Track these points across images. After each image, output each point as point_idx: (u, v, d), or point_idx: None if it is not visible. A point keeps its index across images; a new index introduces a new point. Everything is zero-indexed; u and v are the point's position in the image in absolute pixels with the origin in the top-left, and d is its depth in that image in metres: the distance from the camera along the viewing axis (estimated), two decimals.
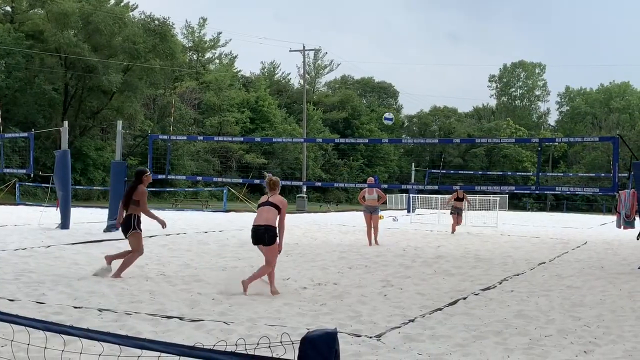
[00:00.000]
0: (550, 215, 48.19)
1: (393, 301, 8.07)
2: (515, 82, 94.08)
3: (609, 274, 11.26)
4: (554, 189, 21.96)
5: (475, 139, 45.25)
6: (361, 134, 70.44)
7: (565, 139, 22.59)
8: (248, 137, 52.94)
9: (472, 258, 13.43)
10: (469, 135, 76.11)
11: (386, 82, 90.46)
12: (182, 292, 8.20)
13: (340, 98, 74.71)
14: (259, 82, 66.35)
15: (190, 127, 51.31)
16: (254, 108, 60.70)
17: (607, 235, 22.46)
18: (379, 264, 11.94)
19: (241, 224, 22.28)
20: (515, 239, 19.57)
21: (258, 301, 7.75)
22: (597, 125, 78.75)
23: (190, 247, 13.76)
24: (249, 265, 11.06)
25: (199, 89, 56.94)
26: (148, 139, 19.50)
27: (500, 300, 8.34)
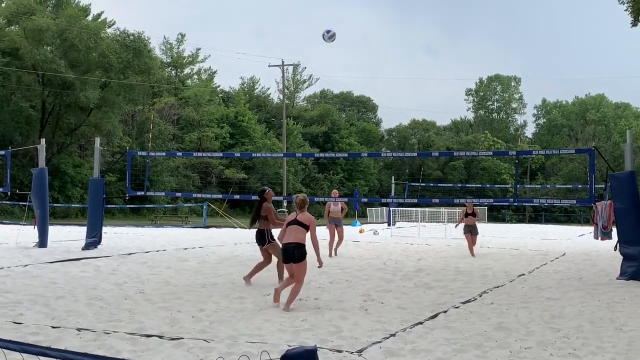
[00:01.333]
0: (529, 227, 48.54)
1: (374, 316, 8.06)
2: (492, 96, 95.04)
3: (587, 285, 11.35)
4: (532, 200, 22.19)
5: (453, 152, 45.54)
6: (341, 148, 70.63)
7: (542, 151, 22.83)
8: (228, 152, 52.81)
9: (452, 271, 13.47)
10: (447, 148, 76.63)
11: (365, 96, 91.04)
12: (162, 310, 8.12)
13: (320, 112, 74.92)
14: (239, 97, 66.33)
15: (169, 143, 51.09)
16: (233, 123, 60.61)
17: (585, 247, 22.67)
18: (360, 278, 11.93)
19: (221, 239, 22.17)
20: (494, 251, 19.67)
21: (238, 317, 7.70)
22: (574, 137, 79.75)
23: (170, 264, 13.63)
24: (229, 282, 11.01)
25: (178, 105, 56.75)
26: (126, 155, 19.37)
27: (480, 313, 8.37)
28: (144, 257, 14.76)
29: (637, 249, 12.00)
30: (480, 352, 6.15)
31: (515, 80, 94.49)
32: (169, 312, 7.98)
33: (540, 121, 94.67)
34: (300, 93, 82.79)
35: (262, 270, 10.91)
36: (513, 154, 17.09)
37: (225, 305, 8.62)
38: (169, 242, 20.37)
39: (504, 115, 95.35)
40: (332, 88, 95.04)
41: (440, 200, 26.59)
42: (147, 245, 18.71)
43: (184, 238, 22.48)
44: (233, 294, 9.64)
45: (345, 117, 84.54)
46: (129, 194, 18.81)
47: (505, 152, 48.99)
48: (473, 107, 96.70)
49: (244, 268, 13.22)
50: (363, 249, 19.40)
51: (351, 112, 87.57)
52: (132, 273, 11.86)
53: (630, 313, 8.41)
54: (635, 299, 9.70)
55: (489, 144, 76.17)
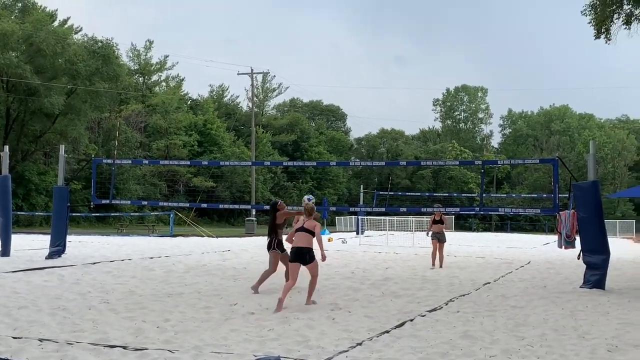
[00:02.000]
0: (495, 235, 49.08)
1: (341, 325, 8.06)
2: (458, 106, 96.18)
3: (551, 294, 11.50)
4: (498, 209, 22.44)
5: (421, 162, 45.89)
6: (310, 156, 70.73)
7: (507, 161, 23.26)
8: (195, 160, 52.47)
9: (419, 279, 13.55)
10: (415, 157, 77.29)
11: (334, 105, 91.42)
12: (126, 320, 8.01)
13: (289, 121, 74.96)
14: (207, 105, 66.02)
15: (136, 151, 50.57)
16: (201, 131, 60.28)
17: (550, 255, 22.99)
18: (328, 287, 11.93)
19: (188, 248, 21.99)
20: (461, 259, 19.84)
21: (204, 327, 7.63)
22: (539, 147, 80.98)
23: (135, 273, 13.47)
24: (195, 292, 10.91)
25: (145, 112, 56.24)
26: (92, 163, 19.12)
27: (446, 321, 8.43)
28: (109, 267, 14.57)
29: (599, 257, 12.20)
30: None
31: (482, 91, 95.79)
32: (133, 322, 7.88)
33: (506, 131, 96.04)
34: (270, 101, 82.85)
35: (268, 278, 11.19)
36: (479, 164, 17.33)
37: (191, 315, 8.54)
38: (135, 251, 20.14)
39: (471, 125, 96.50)
40: (301, 97, 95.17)
41: (408, 209, 26.77)
42: (112, 254, 18.48)
43: (150, 247, 22.25)
44: (199, 303, 9.56)
45: (314, 125, 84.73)
46: (94, 202, 18.57)
47: (472, 162, 49.68)
48: (440, 117, 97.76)
49: (211, 277, 13.14)
50: (331, 258, 19.37)
51: (320, 121, 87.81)
52: (96, 282, 11.70)
53: (593, 321, 8.54)
54: (598, 307, 9.86)
55: (456, 154, 76.97)
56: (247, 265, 16.25)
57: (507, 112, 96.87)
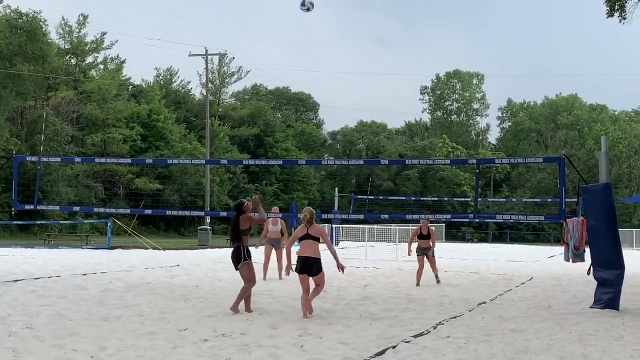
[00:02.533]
0: (492, 247, 49.49)
1: (310, 353, 8.06)
2: (450, 95, 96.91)
3: (557, 315, 11.64)
4: (495, 216, 22.69)
5: (406, 160, 46.21)
6: (276, 153, 70.65)
7: (506, 160, 23.49)
8: (138, 158, 52.01)
9: (404, 299, 13.62)
10: (400, 155, 77.69)
11: (304, 93, 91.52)
12: (54, 348, 7.93)
13: (251, 111, 74.78)
14: (153, 92, 65.57)
15: (66, 146, 49.96)
16: (146, 123, 59.81)
17: (555, 270, 23.27)
18: (296, 308, 11.92)
19: (129, 263, 21.82)
20: (452, 275, 19.98)
21: (147, 358, 7.58)
22: (543, 144, 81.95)
23: (65, 293, 13.34)
24: (137, 314, 10.83)
25: (77, 100, 55.61)
26: (13, 160, 18.86)
27: (434, 348, 8.47)
28: (34, 285, 14.41)
29: (612, 273, 12.36)
30: None
31: (477, 78, 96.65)
32: (62, 351, 7.80)
33: (505, 125, 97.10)
34: (228, 88, 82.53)
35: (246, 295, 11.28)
36: (474, 163, 17.41)
37: (132, 342, 8.48)
38: (65, 266, 19.91)
39: (465, 118, 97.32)
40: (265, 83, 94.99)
41: (390, 215, 26.89)
42: (38, 270, 18.25)
43: (84, 261, 22.03)
44: (142, 329, 9.49)
45: (280, 117, 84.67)
46: (16, 208, 18.32)
47: (465, 161, 50.07)
48: (429, 108, 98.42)
49: (156, 297, 13.06)
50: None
51: (288, 112, 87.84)
52: (17, 304, 11.55)
53: (605, 347, 8.66)
54: (611, 330, 10.00)
55: (447, 151, 77.55)
56: (199, 282, 16.17)
57: (506, 103, 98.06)
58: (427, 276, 17.92)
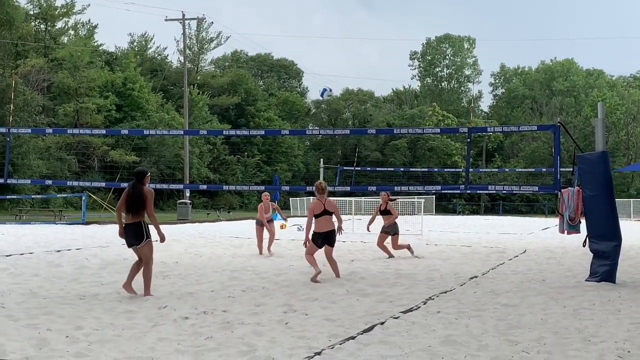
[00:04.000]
0: (484, 219, 49.78)
1: (296, 330, 8.09)
2: (440, 60, 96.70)
3: (551, 289, 11.72)
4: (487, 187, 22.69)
5: (394, 129, 46.15)
6: (258, 123, 70.49)
7: (499, 129, 23.55)
8: (113, 129, 51.74)
9: (392, 274, 13.67)
10: (388, 124, 77.71)
11: (287, 59, 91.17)
12: (27, 328, 7.93)
13: (231, 79, 74.45)
14: (127, 59, 65.07)
15: (37, 117, 49.59)
16: (120, 92, 59.45)
17: (550, 242, 23.44)
18: (280, 284, 11.96)
19: (105, 239, 21.78)
20: (443, 249, 20.08)
21: (125, 337, 7.59)
22: (538, 111, 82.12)
23: (38, 270, 13.32)
24: (114, 292, 10.83)
25: (48, 68, 55.14)
26: None
27: (424, 324, 8.53)
28: (5, 262, 14.38)
29: (609, 244, 12.43)
30: None
31: (469, 42, 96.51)
32: (36, 330, 7.80)
33: (498, 91, 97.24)
34: (207, 55, 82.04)
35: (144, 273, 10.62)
36: (465, 132, 17.40)
37: (109, 321, 8.48)
38: (38, 242, 19.87)
39: (456, 85, 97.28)
40: (246, 49, 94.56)
41: (378, 187, 26.80)
42: (9, 247, 18.20)
43: (57, 237, 21.98)
44: (119, 307, 9.49)
45: (262, 85, 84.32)
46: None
47: (456, 130, 50.17)
48: (419, 74, 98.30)
49: None
50: (284, 249, 19.46)
51: (270, 80, 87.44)
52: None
53: (600, 321, 8.74)
54: (607, 304, 10.09)
55: (437, 119, 77.64)
56: (178, 258, 16.17)
57: (499, 68, 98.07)
58: (416, 250, 18.00)
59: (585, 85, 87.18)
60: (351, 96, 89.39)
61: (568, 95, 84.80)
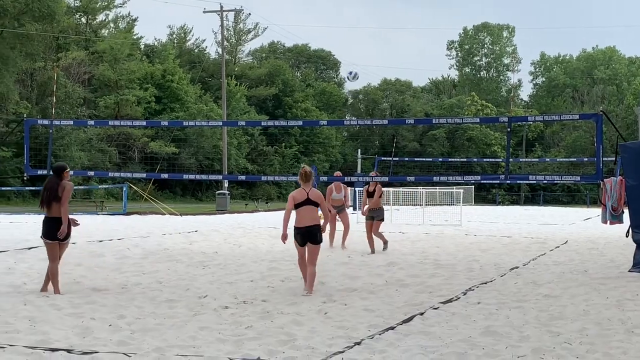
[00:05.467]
0: (524, 210, 49.36)
1: (335, 320, 8.11)
2: (479, 49, 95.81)
3: (593, 280, 11.61)
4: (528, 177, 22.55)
5: (433, 119, 45.89)
6: (295, 114, 70.50)
7: (540, 118, 23.30)
8: (153, 120, 52.18)
9: (431, 264, 13.63)
10: (426, 114, 77.21)
11: (324, 50, 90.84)
12: (71, 317, 8.04)
13: (269, 70, 74.51)
14: (166, 51, 65.46)
15: (78, 109, 50.21)
16: (160, 84, 59.85)
17: (592, 233, 23.17)
18: (319, 274, 11.95)
19: (146, 229, 22.01)
20: (482, 240, 19.95)
21: (167, 325, 7.67)
22: (579, 100, 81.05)
23: (81, 260, 13.47)
24: (155, 281, 10.94)
25: (89, 61, 55.72)
26: (24, 124, 18.99)
27: (464, 314, 8.50)
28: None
29: None
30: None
31: (508, 30, 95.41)
32: (79, 319, 7.91)
33: (538, 80, 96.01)
34: (244, 46, 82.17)
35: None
36: (505, 121, 17.25)
37: (151, 310, 8.58)
38: (80, 233, 20.01)
39: (495, 74, 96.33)
40: (283, 40, 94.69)
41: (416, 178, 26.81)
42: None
43: (99, 228, 22.24)
44: (160, 296, 9.60)
45: (300, 76, 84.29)
46: (28, 174, 18.48)
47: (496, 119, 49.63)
48: (457, 64, 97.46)
49: (175, 264, 13.19)
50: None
51: (307, 70, 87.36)
52: (32, 272, 11.69)
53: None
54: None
55: (476, 109, 76.95)
56: (218, 248, 16.28)
57: (539, 57, 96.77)
58: (456, 240, 17.93)
59: (627, 74, 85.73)
60: (389, 86, 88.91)
61: (610, 84, 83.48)
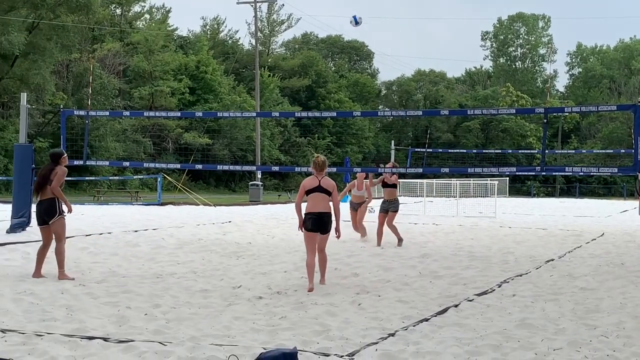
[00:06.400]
0: (559, 202, 48.96)
1: (369, 311, 8.12)
2: (514, 40, 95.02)
3: (630, 272, 11.50)
4: (564, 169, 22.28)
5: (467, 110, 45.58)
6: (328, 105, 70.46)
7: (576, 109, 23.08)
8: (187, 111, 52.51)
9: (465, 256, 13.58)
10: (460, 105, 76.78)
11: (358, 41, 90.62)
12: (107, 306, 8.14)
13: (302, 61, 74.55)
14: (200, 42, 65.80)
15: (114, 100, 50.69)
16: (194, 75, 60.19)
17: (629, 225, 22.86)
18: (352, 265, 12.00)
19: (180, 219, 22.16)
20: (517, 232, 19.82)
21: (201, 315, 7.73)
22: (616, 91, 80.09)
23: (117, 249, 13.63)
24: (190, 271, 11.03)
25: (124, 52, 56.20)
26: (60, 115, 19.20)
27: (499, 306, 8.46)
28: (85, 242, 14.71)
29: None
30: (499, 355, 6.22)
31: (544, 20, 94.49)
32: (115, 308, 8.00)
33: (575, 71, 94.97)
34: (277, 37, 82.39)
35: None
36: (541, 112, 17.10)
37: (186, 299, 8.66)
38: (116, 222, 20.32)
39: (530, 64, 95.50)
40: (316, 31, 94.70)
41: (450, 169, 26.69)
42: (88, 226, 18.63)
43: (134, 218, 22.44)
44: (195, 286, 9.68)
45: (333, 67, 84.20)
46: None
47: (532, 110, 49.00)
48: (491, 55, 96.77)
49: (209, 254, 13.28)
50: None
51: (341, 61, 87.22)
52: (69, 261, 11.80)
53: None
54: None
55: (511, 100, 76.35)
56: (251, 239, 16.35)
57: (575, 47, 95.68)
58: (490, 232, 17.81)
59: None
60: (422, 77, 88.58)
61: None
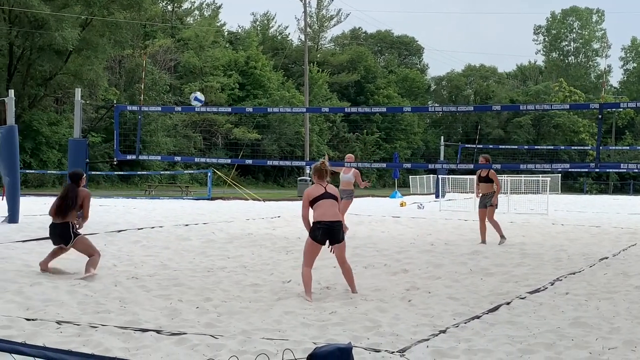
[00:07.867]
0: (613, 199, 48.20)
1: (419, 308, 8.09)
2: (567, 34, 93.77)
3: None
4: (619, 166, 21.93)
5: (519, 106, 45.12)
6: (377, 101, 70.36)
7: (632, 104, 22.73)
8: (237, 107, 52.86)
9: (517, 253, 13.43)
10: (511, 100, 76.01)
11: (408, 36, 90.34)
12: (159, 299, 8.23)
13: (351, 57, 74.55)
14: (250, 38, 66.21)
15: (165, 95, 51.31)
16: (243, 71, 60.58)
17: None
18: (402, 262, 11.96)
19: (230, 214, 22.34)
20: (570, 229, 19.54)
21: (252, 309, 7.78)
22: None
23: (168, 243, 13.78)
24: (240, 265, 11.11)
25: (175, 48, 56.84)
26: (114, 110, 19.51)
27: (552, 305, 8.35)
28: (137, 235, 14.92)
29: None
30: (553, 353, 6.14)
31: (598, 14, 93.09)
32: (168, 301, 8.09)
33: (629, 66, 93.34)
34: (327, 33, 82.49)
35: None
36: (595, 108, 16.84)
37: (237, 293, 8.72)
38: (167, 216, 20.55)
39: (583, 59, 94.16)
40: (365, 26, 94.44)
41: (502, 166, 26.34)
42: (140, 220, 18.89)
43: (185, 212, 22.69)
44: (245, 280, 9.74)
45: (382, 62, 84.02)
46: (118, 158, 18.98)
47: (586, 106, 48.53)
48: (544, 49, 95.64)
49: (259, 249, 13.36)
50: (405, 226, 19.41)
51: (390, 57, 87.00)
52: (122, 254, 12.01)
53: None
54: None
55: (564, 95, 75.39)
56: (300, 234, 16.37)
57: (630, 42, 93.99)
58: (542, 229, 17.58)
59: None
60: (473, 72, 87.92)
61: None
